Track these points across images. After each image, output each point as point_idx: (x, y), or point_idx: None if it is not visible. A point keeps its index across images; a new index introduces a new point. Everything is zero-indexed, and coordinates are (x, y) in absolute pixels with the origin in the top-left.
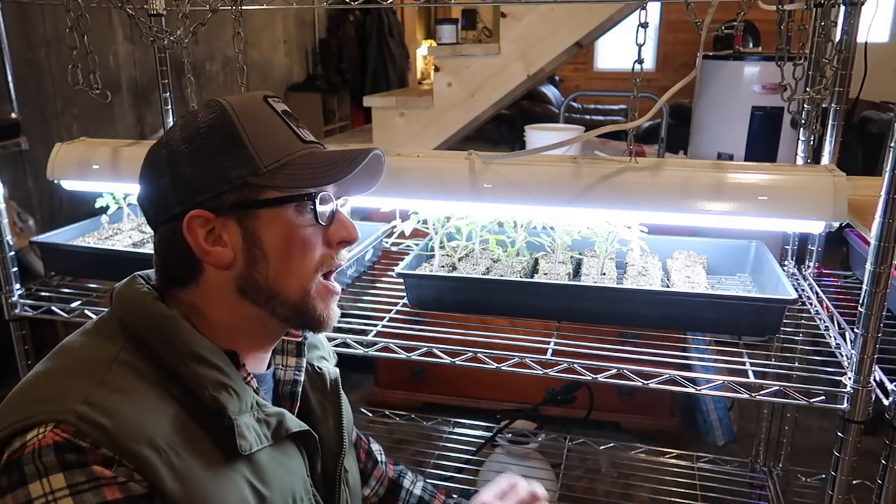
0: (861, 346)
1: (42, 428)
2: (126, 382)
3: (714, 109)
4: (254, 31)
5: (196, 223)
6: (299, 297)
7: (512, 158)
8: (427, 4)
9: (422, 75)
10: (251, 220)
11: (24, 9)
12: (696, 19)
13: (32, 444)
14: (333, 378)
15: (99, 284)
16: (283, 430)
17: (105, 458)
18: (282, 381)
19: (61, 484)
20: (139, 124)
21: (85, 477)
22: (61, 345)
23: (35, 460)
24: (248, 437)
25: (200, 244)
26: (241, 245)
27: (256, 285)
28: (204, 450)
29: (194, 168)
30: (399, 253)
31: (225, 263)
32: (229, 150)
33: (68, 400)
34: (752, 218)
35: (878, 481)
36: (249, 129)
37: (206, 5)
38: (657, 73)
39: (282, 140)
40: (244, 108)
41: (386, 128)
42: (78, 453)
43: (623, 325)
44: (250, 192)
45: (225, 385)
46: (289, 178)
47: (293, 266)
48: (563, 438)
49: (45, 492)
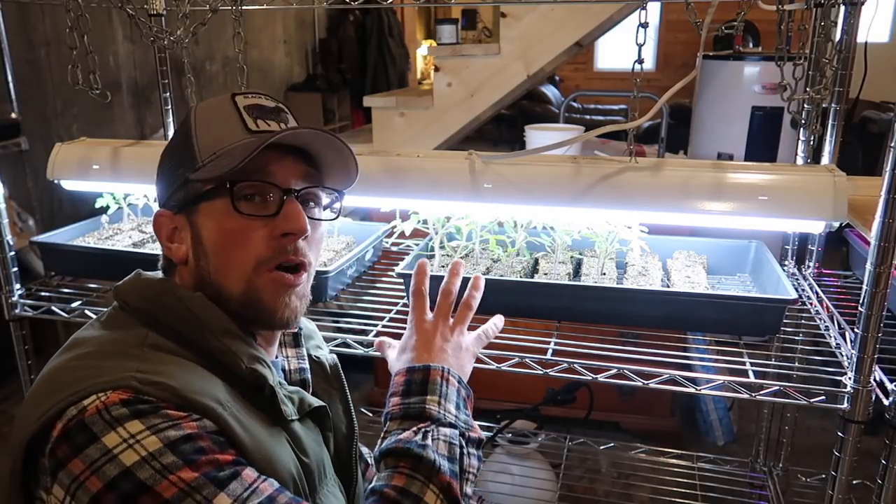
0: (861, 345)
1: (101, 394)
2: (166, 359)
3: (714, 109)
4: (254, 31)
5: (161, 221)
6: (242, 290)
7: (512, 158)
8: (427, 4)
9: (422, 75)
10: (194, 215)
11: (24, 9)
12: (696, 19)
13: (94, 406)
14: (332, 364)
15: (99, 284)
16: (305, 406)
17: (176, 405)
18: (288, 370)
19: (139, 427)
20: (139, 124)
21: (162, 419)
22: (75, 339)
23: (102, 417)
24: (287, 405)
25: (162, 241)
26: (191, 241)
27: (204, 280)
28: (256, 413)
29: (161, 169)
30: (399, 253)
31: (180, 259)
32: (180, 150)
33: (119, 372)
34: (752, 218)
35: (878, 481)
36: (200, 127)
37: (206, 5)
38: (657, 73)
39: (223, 133)
40: (205, 107)
41: (386, 128)
42: (148, 403)
43: (623, 325)
44: (191, 188)
45: (258, 358)
46: (212, 169)
47: (230, 259)
48: (563, 438)
49: (123, 438)
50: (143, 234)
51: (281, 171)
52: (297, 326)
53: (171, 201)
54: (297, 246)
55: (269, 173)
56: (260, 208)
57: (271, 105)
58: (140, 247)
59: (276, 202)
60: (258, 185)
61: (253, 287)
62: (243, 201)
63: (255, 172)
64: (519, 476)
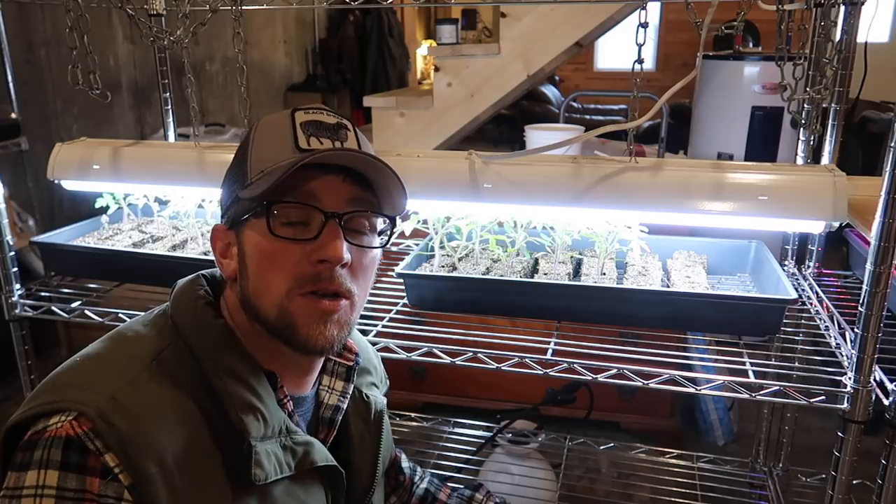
0: (861, 345)
1: (64, 416)
2: (157, 387)
3: (714, 109)
4: (254, 31)
5: (216, 236)
6: (276, 314)
7: (512, 158)
8: (427, 4)
9: (422, 75)
10: (242, 233)
11: (24, 9)
12: (696, 19)
13: (50, 431)
14: (380, 409)
15: (99, 284)
16: (308, 462)
17: (105, 467)
18: (325, 404)
19: (53, 483)
20: (139, 124)
21: (75, 485)
22: (117, 330)
23: (44, 448)
24: (265, 466)
25: (216, 255)
26: (237, 258)
27: (245, 299)
28: (212, 476)
29: (223, 182)
30: (399, 253)
31: (230, 275)
32: (237, 165)
33: (97, 393)
34: (752, 218)
35: (878, 481)
36: (256, 142)
37: (206, 5)
38: (657, 73)
39: (274, 150)
40: (266, 122)
41: (386, 128)
42: (81, 455)
43: (623, 325)
44: (240, 205)
45: (253, 407)
46: (257, 188)
47: (265, 281)
48: (563, 438)
49: (37, 485)
50: (143, 234)
51: (327, 193)
52: (355, 359)
53: (225, 216)
54: (334, 274)
55: (314, 195)
56: (299, 231)
57: (331, 122)
58: (140, 247)
59: (318, 225)
60: (297, 206)
61: (286, 311)
62: (283, 222)
63: (299, 193)
64: (519, 476)
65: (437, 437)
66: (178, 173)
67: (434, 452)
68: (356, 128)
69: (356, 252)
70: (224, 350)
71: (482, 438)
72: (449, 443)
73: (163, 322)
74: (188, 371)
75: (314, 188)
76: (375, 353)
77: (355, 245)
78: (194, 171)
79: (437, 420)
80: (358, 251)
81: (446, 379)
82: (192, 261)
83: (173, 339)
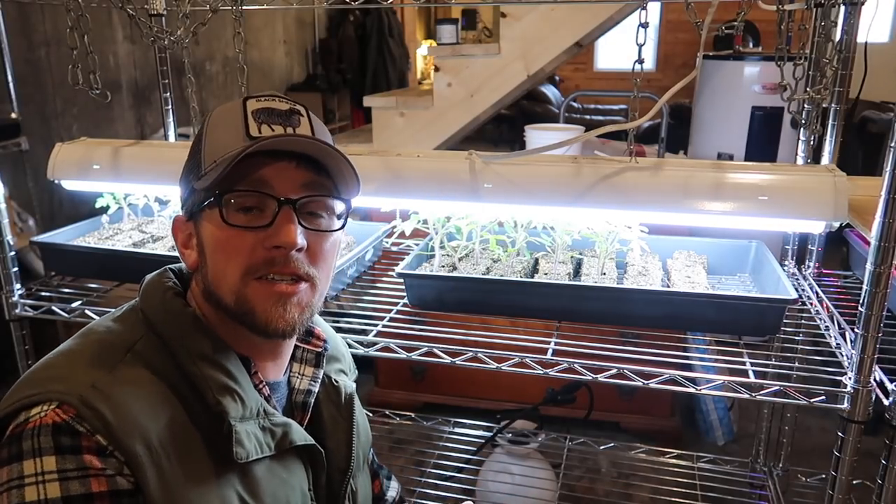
0: (861, 346)
1: (46, 406)
2: (135, 374)
3: (714, 109)
4: (254, 31)
5: (177, 227)
6: (234, 300)
7: (512, 158)
8: (427, 4)
9: (422, 75)
10: (200, 224)
11: (24, 9)
12: (696, 19)
13: (34, 421)
14: (349, 393)
15: (99, 284)
16: (287, 442)
17: (98, 445)
18: (296, 389)
19: (52, 467)
20: (139, 124)
21: (75, 464)
22: (87, 327)
23: (33, 437)
24: (245, 445)
25: (178, 247)
26: (197, 249)
27: (206, 289)
28: (197, 456)
29: (181, 174)
30: (399, 253)
31: (192, 265)
32: (192, 156)
33: (76, 383)
34: (752, 218)
35: (878, 481)
36: (209, 132)
37: (206, 5)
38: (657, 73)
39: (226, 139)
40: (219, 112)
41: (386, 128)
42: (73, 437)
43: (623, 325)
44: (196, 196)
45: (230, 389)
46: (209, 178)
47: (220, 269)
48: (563, 438)
49: (36, 472)
50: (143, 234)
51: (279, 180)
52: (324, 345)
53: (184, 207)
54: (290, 258)
55: (265, 182)
56: (253, 219)
57: (284, 108)
58: (140, 247)
59: (272, 212)
60: (249, 194)
61: (242, 296)
62: (237, 211)
63: (251, 181)
64: (519, 476)
65: (437, 437)
66: (178, 173)
67: (434, 452)
68: (310, 113)
69: (314, 236)
70: (195, 336)
71: (482, 438)
72: (449, 443)
73: (133, 316)
74: (162, 360)
75: (266, 175)
76: (343, 342)
77: (311, 230)
78: None
79: (437, 420)
80: (315, 235)
81: (446, 379)
82: None
83: (145, 331)
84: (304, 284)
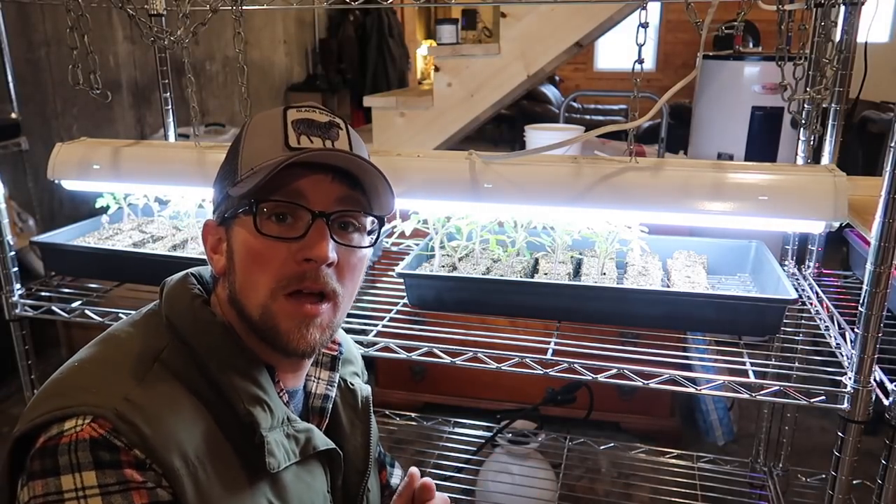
0: (861, 346)
1: (81, 419)
2: (166, 385)
3: (714, 109)
4: (254, 31)
5: (207, 231)
6: (259, 314)
7: (512, 158)
8: (427, 4)
9: (422, 75)
10: (231, 230)
11: (24, 9)
12: (696, 19)
13: (70, 435)
14: (365, 396)
15: (99, 284)
16: (310, 448)
17: (137, 459)
18: (313, 394)
19: (92, 482)
20: (139, 124)
21: (116, 479)
22: (108, 332)
23: (70, 452)
24: (276, 455)
25: (207, 250)
26: (226, 255)
27: (232, 296)
28: (230, 466)
29: (216, 180)
30: (399, 253)
31: (219, 271)
32: (228, 162)
33: (110, 395)
34: (752, 218)
35: (878, 481)
36: (248, 139)
37: (206, 5)
38: (657, 73)
39: (264, 148)
40: (259, 119)
41: (386, 128)
42: (111, 452)
43: (623, 325)
44: (230, 202)
45: (260, 399)
46: (246, 185)
47: (250, 279)
48: (563, 438)
49: (76, 487)
50: (143, 234)
51: (315, 192)
52: (339, 349)
53: (216, 212)
54: (319, 273)
55: (301, 194)
56: (286, 230)
57: (323, 120)
58: (140, 247)
59: (305, 224)
60: (284, 205)
61: (269, 312)
62: (271, 221)
63: (287, 192)
64: (519, 476)
65: (437, 437)
66: (178, 173)
67: (434, 452)
68: (349, 126)
69: (343, 252)
70: (226, 347)
71: (482, 438)
72: (449, 443)
73: (156, 321)
74: (189, 369)
75: (302, 187)
76: (355, 345)
77: (343, 245)
78: (194, 171)
79: (437, 420)
80: (345, 251)
81: (446, 379)
82: (193, 261)
83: (170, 338)
84: (327, 305)
